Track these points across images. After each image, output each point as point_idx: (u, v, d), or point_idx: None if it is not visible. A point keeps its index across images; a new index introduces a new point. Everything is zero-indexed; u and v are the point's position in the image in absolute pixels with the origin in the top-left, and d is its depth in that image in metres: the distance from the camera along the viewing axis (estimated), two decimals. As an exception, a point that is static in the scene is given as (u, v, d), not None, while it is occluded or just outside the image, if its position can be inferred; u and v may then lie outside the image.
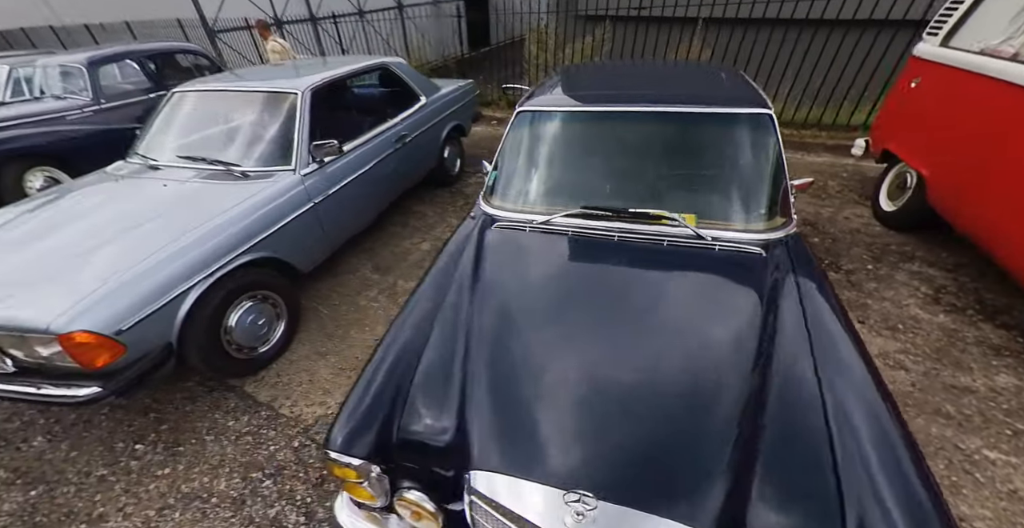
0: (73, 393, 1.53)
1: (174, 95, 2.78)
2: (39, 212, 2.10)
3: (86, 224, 1.93)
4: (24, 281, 1.61)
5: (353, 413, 1.17)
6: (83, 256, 1.71)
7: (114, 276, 1.60)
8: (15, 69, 5.73)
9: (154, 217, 1.94)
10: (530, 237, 1.73)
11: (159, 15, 11.00)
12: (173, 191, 2.16)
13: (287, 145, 2.41)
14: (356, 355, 2.27)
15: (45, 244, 1.82)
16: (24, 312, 1.47)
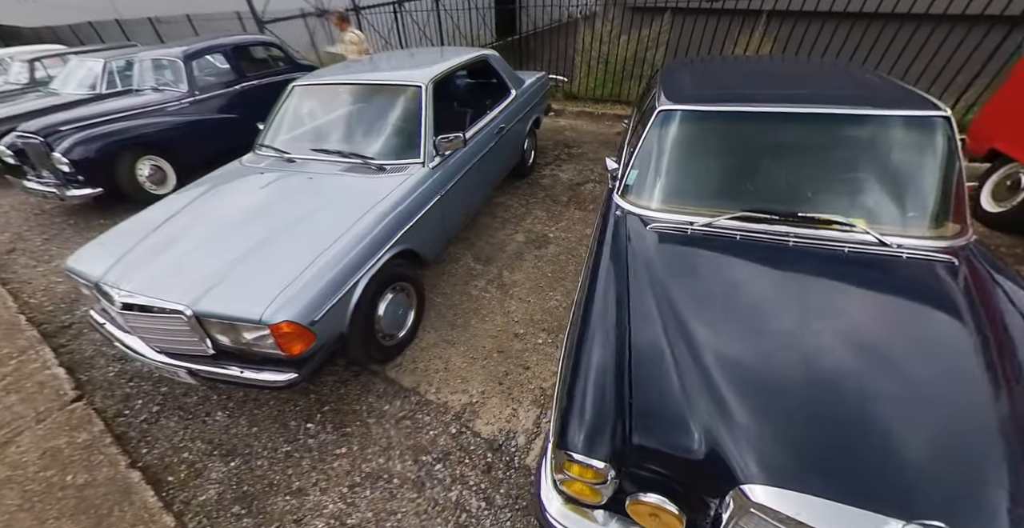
0: (275, 378, 1.57)
1: (294, 89, 2.75)
2: (202, 204, 2.12)
3: (255, 217, 1.93)
4: (222, 274, 1.63)
5: (581, 415, 1.15)
6: (268, 249, 1.72)
7: (304, 270, 1.61)
8: (109, 62, 5.85)
9: (314, 211, 1.93)
10: (697, 240, 1.65)
11: (212, 8, 11.05)
12: (321, 184, 2.15)
13: (414, 138, 2.35)
14: (484, 345, 2.27)
15: (225, 236, 1.84)
16: (239, 305, 1.50)
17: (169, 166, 4.41)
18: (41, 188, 3.98)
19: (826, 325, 1.29)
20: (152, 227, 1.99)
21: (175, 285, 1.60)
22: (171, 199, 2.26)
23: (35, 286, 3.05)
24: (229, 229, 1.87)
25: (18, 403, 2.01)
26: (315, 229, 1.81)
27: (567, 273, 2.83)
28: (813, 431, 1.04)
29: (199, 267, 1.67)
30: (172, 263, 1.72)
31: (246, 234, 1.81)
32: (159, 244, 1.85)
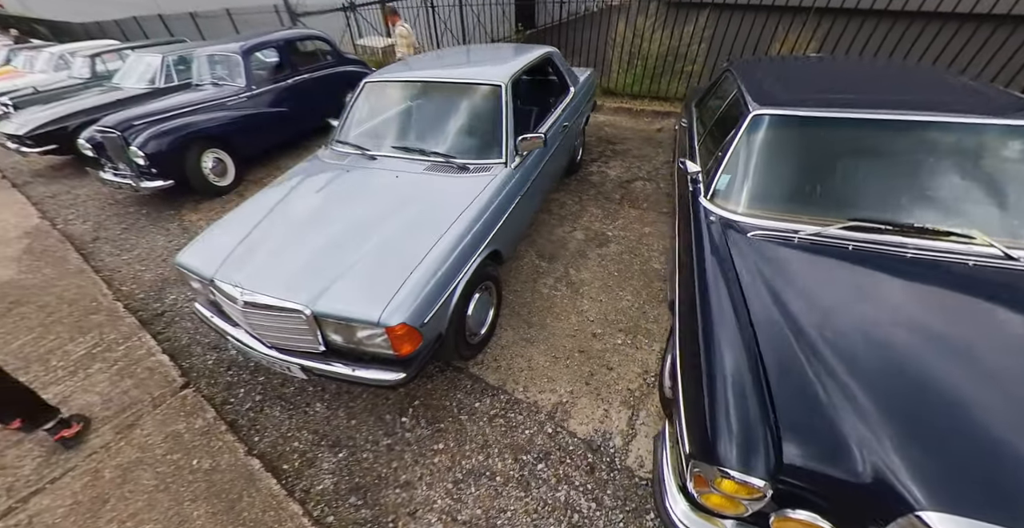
0: (385, 377, 1.57)
1: (366, 85, 2.69)
2: (296, 201, 2.09)
3: (351, 215, 1.90)
4: (334, 274, 1.61)
5: (729, 429, 1.10)
6: (374, 250, 1.69)
7: (412, 273, 1.57)
8: (166, 57, 5.87)
9: (409, 211, 1.89)
10: (807, 249, 1.56)
11: (249, 3, 11.00)
12: (408, 183, 2.09)
13: (495, 137, 2.28)
14: (564, 344, 2.23)
15: (328, 235, 1.81)
16: (357, 307, 1.49)
17: (229, 158, 4.44)
18: (117, 180, 4.06)
19: (962, 342, 1.21)
20: (252, 224, 1.97)
21: (292, 285, 1.59)
22: (263, 196, 2.25)
23: (124, 275, 3.13)
24: (330, 227, 1.84)
25: (133, 388, 2.07)
26: (415, 231, 1.77)
27: (633, 272, 2.75)
28: (980, 456, 0.98)
29: (311, 267, 1.65)
30: (283, 262, 1.71)
31: (349, 233, 1.78)
32: (265, 242, 1.83)
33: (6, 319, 2.65)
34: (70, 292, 2.88)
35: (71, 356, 2.31)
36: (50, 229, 3.82)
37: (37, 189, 4.87)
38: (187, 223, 3.86)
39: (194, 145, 4.07)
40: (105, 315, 2.61)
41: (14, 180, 5.16)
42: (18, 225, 3.94)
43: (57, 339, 2.45)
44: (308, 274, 1.64)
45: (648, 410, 1.86)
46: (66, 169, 5.47)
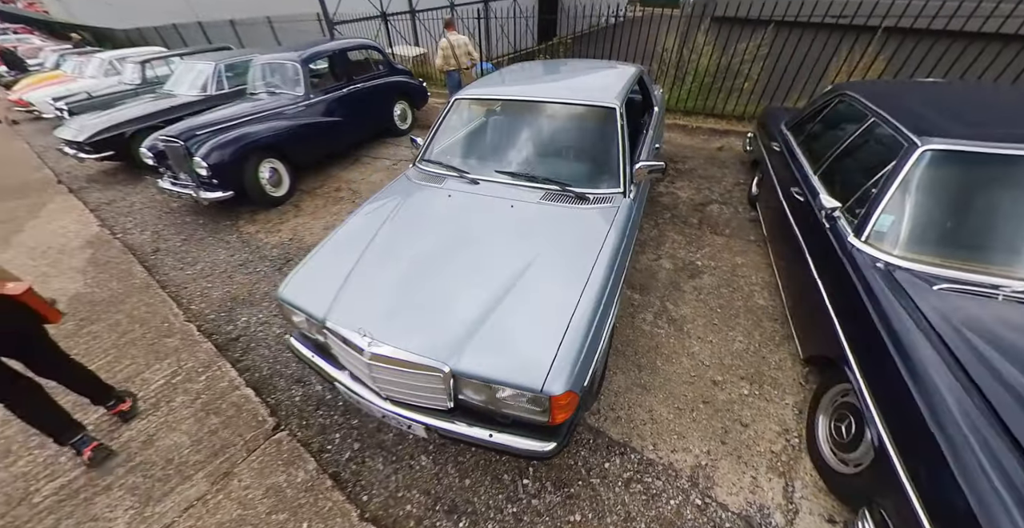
0: (534, 447, 1.34)
1: (457, 102, 2.51)
2: (400, 229, 1.89)
3: (473, 252, 1.69)
4: (471, 325, 1.40)
5: None
6: (511, 297, 1.47)
7: (567, 329, 1.35)
8: (219, 65, 5.82)
9: (538, 249, 1.67)
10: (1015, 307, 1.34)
11: (282, 10, 11.08)
12: (525, 215, 1.88)
13: (612, 164, 2.07)
14: (683, 393, 2.00)
15: (449, 273, 1.61)
16: (514, 372, 1.27)
17: (284, 168, 4.31)
18: (176, 190, 3.94)
19: None
20: (356, 255, 1.77)
21: (427, 337, 1.39)
22: (359, 221, 2.05)
23: (191, 292, 2.98)
24: (451, 265, 1.64)
25: (221, 427, 1.88)
26: (554, 275, 1.56)
27: (737, 309, 2.51)
28: None
29: (444, 315, 1.45)
30: (408, 306, 1.50)
31: (476, 275, 1.58)
32: (379, 280, 1.63)
33: (78, 339, 2.50)
34: (140, 310, 2.73)
35: (150, 385, 2.14)
36: (111, 238, 3.71)
37: (92, 195, 4.80)
38: (246, 235, 3.72)
39: (253, 155, 3.94)
40: (180, 339, 2.45)
41: (70, 185, 5.10)
42: (79, 233, 3.84)
43: (133, 364, 2.29)
44: (443, 324, 1.43)
45: (804, 480, 1.62)
46: (119, 174, 5.42)
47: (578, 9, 7.28)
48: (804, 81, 5.38)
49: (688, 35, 6.16)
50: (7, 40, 17.15)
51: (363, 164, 5.05)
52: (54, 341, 1.83)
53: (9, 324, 1.59)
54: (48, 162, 5.95)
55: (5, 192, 4.94)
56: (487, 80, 2.73)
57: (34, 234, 3.90)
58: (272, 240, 3.59)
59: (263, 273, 3.13)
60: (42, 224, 4.09)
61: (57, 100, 6.77)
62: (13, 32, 20.63)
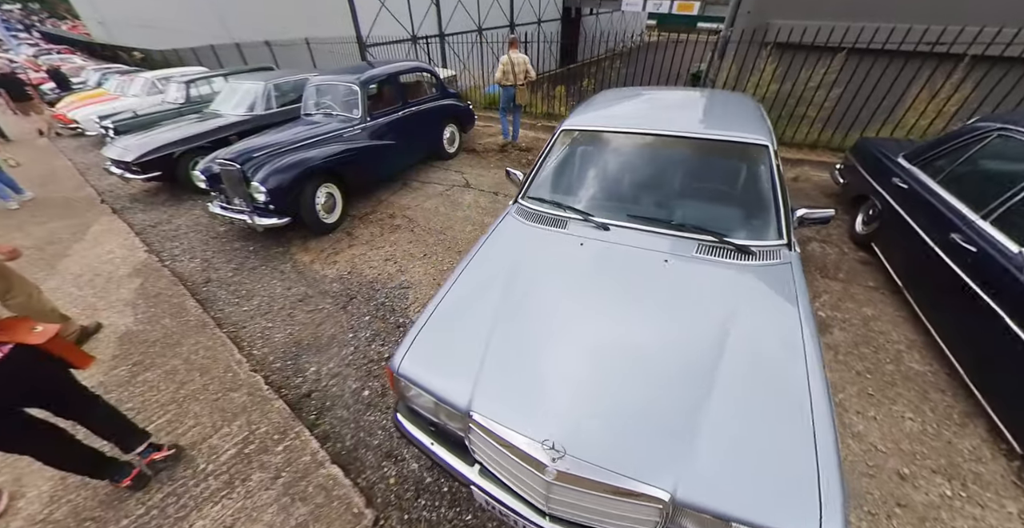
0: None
1: (563, 133, 2.28)
2: (532, 289, 1.60)
3: (634, 323, 1.41)
4: (679, 439, 1.10)
5: None
6: (722, 399, 1.16)
7: (817, 449, 1.04)
8: (268, 84, 5.83)
9: (720, 320, 1.38)
10: None
11: (317, 33, 11.40)
12: (685, 273, 1.60)
13: (770, 211, 1.79)
14: (868, 490, 1.63)
15: (630, 359, 1.30)
16: (771, 511, 0.95)
17: (338, 193, 4.15)
18: (229, 215, 3.79)
19: None
20: (485, 322, 1.49)
21: (631, 453, 1.08)
22: (475, 274, 1.75)
23: (251, 332, 2.74)
24: (615, 342, 1.35)
25: (312, 520, 1.58)
26: (759, 358, 1.26)
27: (889, 375, 2.16)
28: None
29: (635, 418, 1.15)
30: (581, 402, 1.20)
31: (653, 356, 1.30)
32: (524, 359, 1.35)
33: (133, 389, 2.26)
34: (198, 355, 2.48)
35: (220, 455, 1.86)
36: (159, 267, 3.53)
37: (136, 216, 4.69)
38: (300, 265, 3.50)
39: (312, 179, 3.79)
40: (247, 393, 2.18)
41: (113, 205, 5.03)
42: (126, 259, 3.68)
43: (197, 425, 2.02)
44: (646, 434, 1.12)
45: None
46: (161, 194, 5.35)
47: (599, 34, 7.44)
48: (874, 109, 5.16)
49: (730, 59, 6.06)
50: (52, 59, 18.08)
51: (413, 189, 4.89)
52: (80, 383, 1.68)
53: (34, 379, 1.48)
54: (90, 180, 5.94)
55: (50, 211, 4.87)
56: (591, 107, 2.51)
57: (79, 259, 3.75)
58: (330, 272, 3.37)
59: (326, 312, 2.88)
60: (87, 248, 3.95)
61: (103, 118, 6.87)
62: (57, 52, 21.81)
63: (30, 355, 1.44)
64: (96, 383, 2.31)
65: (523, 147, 6.11)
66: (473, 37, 13.11)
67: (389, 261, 3.45)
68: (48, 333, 1.47)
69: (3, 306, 2.33)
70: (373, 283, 3.17)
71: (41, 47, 24.85)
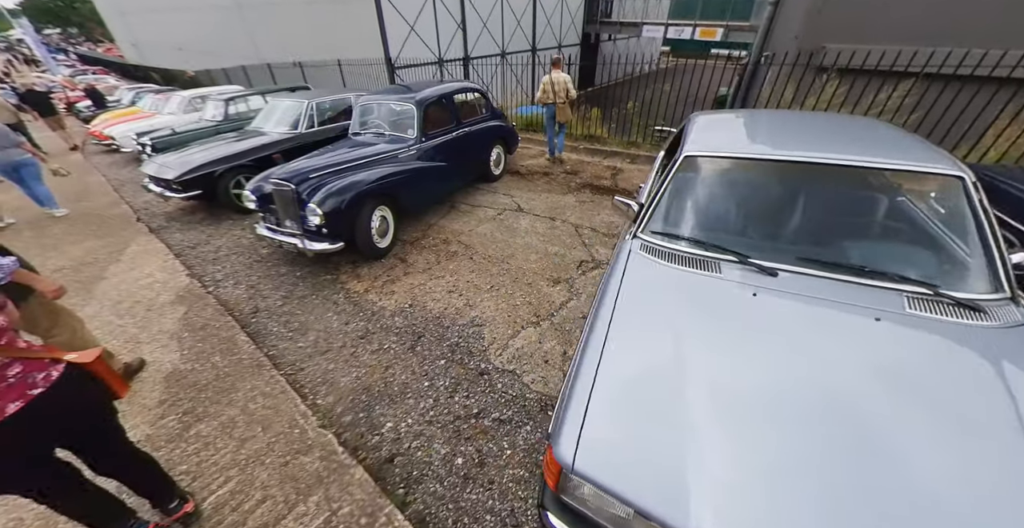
0: None
1: (688, 159, 2.04)
2: (709, 358, 1.30)
3: (882, 420, 1.07)
4: None
5: None
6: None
7: None
8: (311, 102, 5.80)
9: (985, 410, 1.07)
10: None
11: (345, 55, 11.70)
12: (906, 336, 1.30)
13: (979, 256, 1.50)
14: None
15: (880, 468, 0.99)
16: None
17: (391, 217, 3.94)
18: (278, 238, 3.57)
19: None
20: (677, 414, 1.16)
21: None
22: (627, 336, 1.43)
23: (312, 376, 2.45)
24: (875, 453, 1.01)
25: None
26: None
27: None
28: None
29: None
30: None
31: (917, 463, 0.98)
32: (746, 475, 1.02)
33: (185, 446, 1.95)
34: (257, 403, 2.19)
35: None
36: (203, 293, 3.30)
37: (174, 236, 4.52)
38: (354, 295, 3.24)
39: (368, 202, 3.58)
40: (319, 457, 1.86)
41: (149, 223, 4.89)
42: (167, 284, 3.46)
43: (267, 499, 1.70)
44: None
45: None
46: (198, 213, 5.22)
47: (616, 58, 7.56)
48: (959, 136, 4.92)
49: (772, 82, 5.93)
50: (87, 79, 18.89)
51: (462, 212, 4.68)
52: (121, 425, 1.52)
53: (78, 403, 1.33)
54: (125, 197, 5.86)
55: (85, 229, 4.74)
56: (710, 131, 2.27)
57: (117, 283, 3.54)
58: (389, 304, 3.09)
59: (393, 352, 2.59)
60: (125, 270, 3.75)
61: (141, 135, 6.90)
62: (92, 73, 22.85)
63: (80, 378, 1.33)
64: (143, 436, 2.02)
65: (570, 170, 5.95)
66: (496, 60, 13.48)
67: (453, 293, 3.17)
68: (93, 353, 1.37)
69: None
70: (440, 319, 2.88)
71: (77, 68, 26.12)
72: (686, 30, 15.14)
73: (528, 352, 2.54)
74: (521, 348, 2.57)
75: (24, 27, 25.37)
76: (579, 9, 17.48)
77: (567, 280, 3.27)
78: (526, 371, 2.39)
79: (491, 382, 2.32)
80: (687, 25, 15.04)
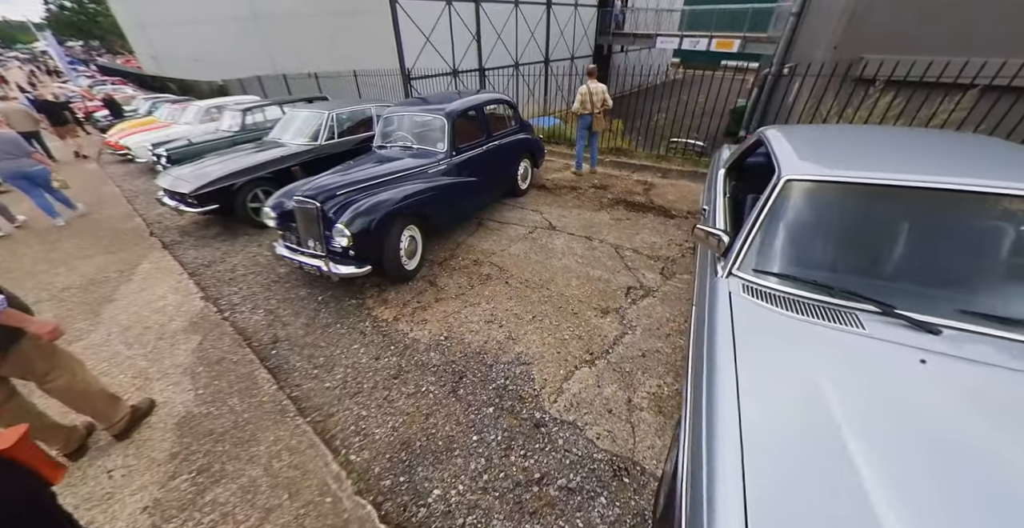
0: None
1: (788, 184, 1.75)
2: (890, 448, 1.00)
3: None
4: None
5: None
6: None
7: None
8: (331, 113, 5.63)
9: None
10: None
11: (359, 66, 11.69)
12: None
13: None
14: None
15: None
16: None
17: (420, 236, 3.68)
18: (298, 259, 3.31)
19: None
20: (856, 499, 0.89)
21: None
22: (762, 412, 1.12)
23: (343, 424, 2.15)
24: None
25: None
26: None
27: None
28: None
29: None
30: None
31: None
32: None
33: (199, 517, 1.66)
34: (282, 461, 1.89)
35: None
36: (218, 319, 3.04)
37: (188, 252, 4.30)
38: (383, 324, 2.96)
39: (398, 221, 3.33)
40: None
41: (162, 237, 4.69)
42: (180, 307, 3.21)
43: (297, 599, 1.40)
44: None
45: None
46: (212, 227, 5.01)
47: (628, 69, 7.48)
48: None
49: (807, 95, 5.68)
50: (105, 89, 19.21)
51: (490, 230, 4.42)
52: (66, 516, 1.27)
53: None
54: (139, 209, 5.69)
55: (97, 243, 4.56)
56: (804, 145, 1.99)
57: (127, 305, 3.30)
58: (421, 336, 2.81)
59: (432, 396, 2.29)
60: (136, 291, 3.52)
61: (156, 146, 6.78)
62: (111, 83, 23.30)
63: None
64: (151, 501, 1.73)
65: (599, 184, 5.69)
66: (510, 71, 13.50)
67: (492, 324, 2.88)
68: (14, 435, 1.13)
69: (42, 391, 1.82)
70: (482, 355, 2.59)
71: (96, 79, 26.69)
72: (702, 41, 15.07)
73: (587, 399, 2.23)
74: (578, 394, 2.26)
75: (48, 39, 26.10)
76: (592, 21, 17.55)
77: (617, 310, 2.97)
78: (588, 423, 2.08)
79: (550, 437, 2.01)
80: (703, 36, 14.97)
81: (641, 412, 2.14)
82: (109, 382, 2.47)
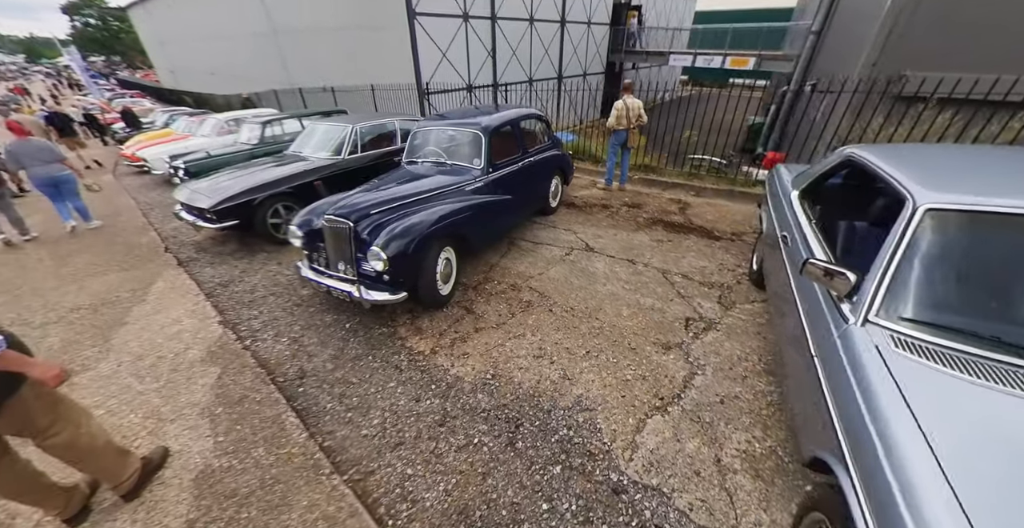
0: None
1: (929, 213, 1.48)
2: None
3: None
4: None
5: None
6: None
7: None
8: (355, 126, 5.49)
9: None
10: None
11: (375, 81, 11.74)
12: None
13: None
14: None
15: None
16: None
17: (455, 258, 3.43)
18: (325, 283, 3.06)
19: None
20: None
21: None
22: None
23: (387, 483, 1.85)
24: None
25: None
26: None
27: None
28: None
29: None
30: None
31: None
32: None
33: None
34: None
35: None
36: (239, 348, 2.78)
37: (204, 271, 4.08)
38: (418, 356, 2.68)
39: (435, 242, 3.09)
40: None
41: (177, 254, 4.48)
42: (197, 334, 2.95)
43: None
44: None
45: None
46: (230, 243, 4.80)
47: (639, 85, 7.43)
48: None
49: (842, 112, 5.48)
50: (124, 102, 19.56)
51: (523, 250, 4.17)
52: None
53: None
54: (154, 222, 5.52)
55: (111, 259, 4.35)
56: (918, 167, 1.73)
57: (140, 331, 3.05)
58: (464, 372, 2.52)
59: (487, 450, 1.99)
60: (149, 313, 3.27)
61: (174, 158, 6.67)
62: (130, 96, 23.79)
63: None
64: (162, 589, 1.44)
65: (630, 202, 5.46)
66: (524, 87, 13.58)
67: (542, 359, 2.60)
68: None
69: (40, 448, 1.54)
70: (536, 399, 2.29)
71: (116, 91, 27.30)
72: (716, 59, 15.10)
73: (667, 456, 1.92)
74: (655, 450, 1.96)
75: (73, 54, 26.82)
76: (604, 38, 17.78)
77: (679, 345, 2.68)
78: (676, 489, 1.77)
79: (633, 507, 1.70)
80: (718, 54, 15.01)
81: (735, 476, 1.82)
82: (118, 423, 2.20)
